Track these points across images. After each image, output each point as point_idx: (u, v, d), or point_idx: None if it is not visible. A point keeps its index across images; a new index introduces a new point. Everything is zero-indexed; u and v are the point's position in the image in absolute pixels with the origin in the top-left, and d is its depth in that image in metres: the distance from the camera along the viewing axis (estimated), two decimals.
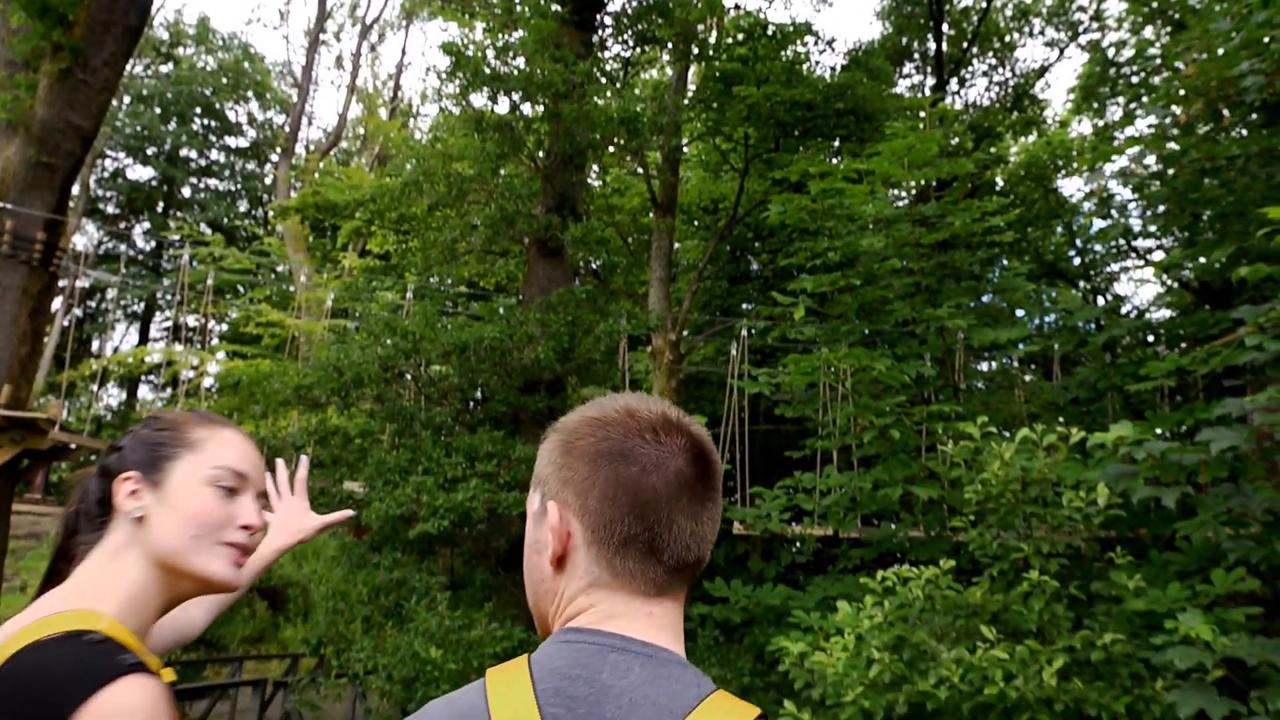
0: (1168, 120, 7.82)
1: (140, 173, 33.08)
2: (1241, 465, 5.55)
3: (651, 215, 15.09)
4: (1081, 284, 16.42)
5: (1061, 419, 8.84)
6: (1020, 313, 11.89)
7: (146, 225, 33.70)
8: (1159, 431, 6.62)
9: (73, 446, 12.99)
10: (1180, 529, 5.33)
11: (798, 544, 8.82)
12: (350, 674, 7.58)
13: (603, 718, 0.88)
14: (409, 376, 9.61)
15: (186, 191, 34.51)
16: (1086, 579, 5.54)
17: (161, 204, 33.78)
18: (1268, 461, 5.68)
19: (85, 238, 30.60)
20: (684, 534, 0.98)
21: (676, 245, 17.40)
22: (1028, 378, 13.82)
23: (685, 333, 15.12)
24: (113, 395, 31.62)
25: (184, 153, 33.42)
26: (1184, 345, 8.89)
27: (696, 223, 18.58)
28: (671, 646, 0.97)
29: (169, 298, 29.65)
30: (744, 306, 18.78)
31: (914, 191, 13.47)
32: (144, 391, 31.43)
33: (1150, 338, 10.94)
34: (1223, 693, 4.14)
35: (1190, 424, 5.88)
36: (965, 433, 5.68)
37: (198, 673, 13.77)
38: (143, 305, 32.93)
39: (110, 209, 32.80)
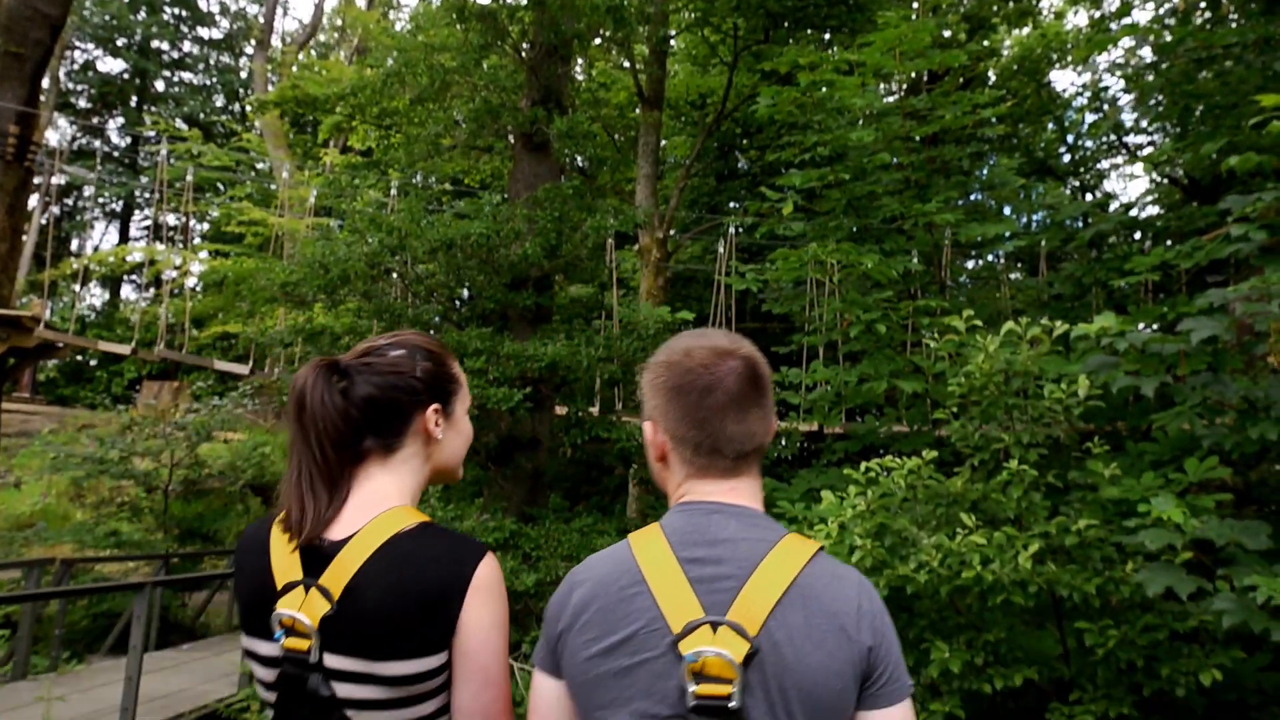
0: (1165, 9, 7.66)
1: (111, 65, 32.09)
2: (1221, 357, 5.64)
3: (638, 110, 14.80)
4: (1071, 181, 16.31)
5: (1046, 315, 8.91)
6: (1008, 210, 11.83)
7: (120, 120, 32.83)
8: (1141, 325, 6.70)
9: (59, 345, 12.95)
10: (1157, 420, 5.45)
11: (783, 438, 8.98)
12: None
13: (717, 555, 1.29)
14: (395, 274, 9.55)
15: (160, 85, 33.51)
16: (1064, 469, 5.69)
17: (135, 98, 32.83)
18: (1246, 354, 5.78)
19: (58, 133, 29.84)
20: (737, 434, 1.38)
21: (664, 142, 17.13)
22: (1014, 275, 13.85)
23: (672, 231, 15.02)
24: (95, 295, 31.35)
25: (155, 44, 32.34)
26: (1170, 241, 8.92)
27: (684, 118, 18.25)
28: (753, 505, 1.40)
29: (148, 195, 29.12)
30: (731, 205, 18.63)
31: (905, 85, 13.23)
32: (127, 291, 31.17)
33: (1137, 234, 10.94)
34: (1190, 573, 4.30)
35: (1172, 318, 5.95)
36: (950, 327, 5.73)
37: (195, 565, 14.07)
38: (121, 203, 32.36)
39: (82, 103, 31.88)
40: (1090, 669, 5.30)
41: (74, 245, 30.93)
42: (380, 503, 1.46)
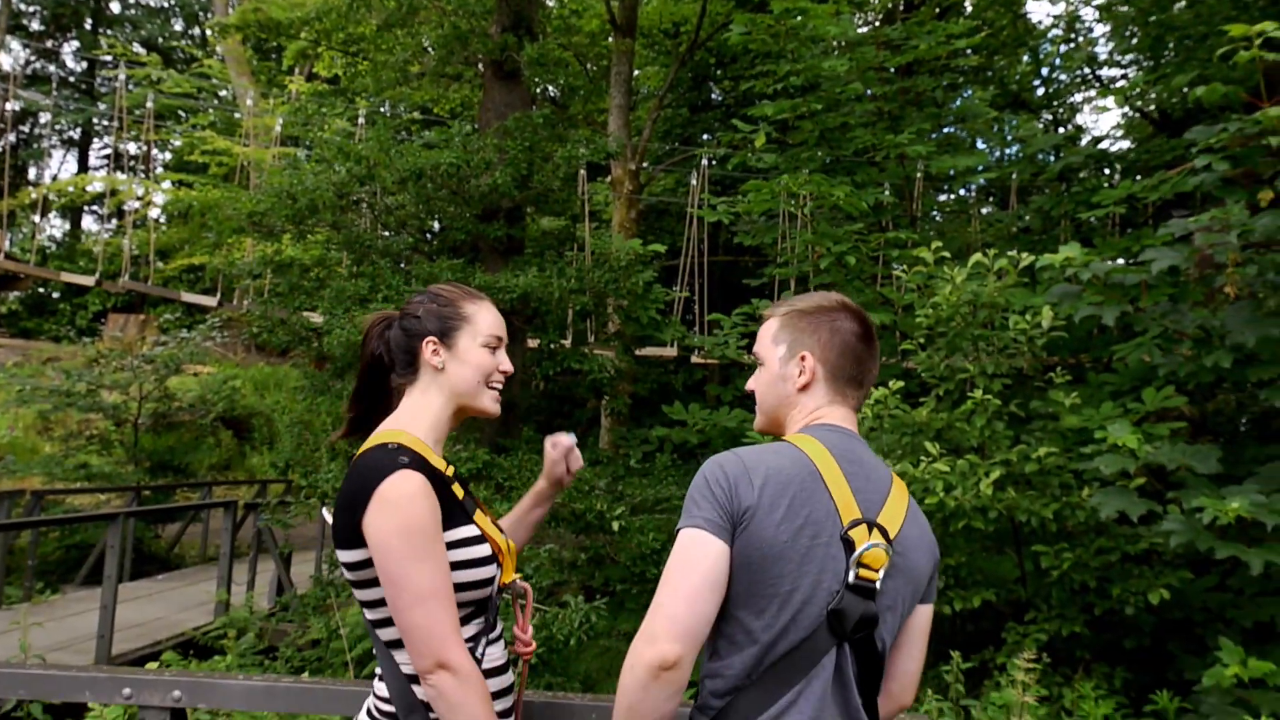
0: None
1: None
2: (1183, 289, 5.75)
3: (610, 38, 14.54)
4: (1044, 115, 16.29)
5: (1015, 248, 8.98)
6: (981, 144, 11.81)
7: (76, 44, 31.75)
8: (1106, 258, 6.77)
9: (20, 276, 12.73)
10: (1118, 351, 5.56)
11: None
12: (319, 494, 7.78)
13: (865, 474, 1.60)
14: (364, 204, 9.42)
15: (116, 6, 32.36)
16: (1027, 398, 5.81)
17: (90, 20, 31.69)
18: (1207, 287, 5.89)
19: (11, 56, 28.81)
20: (871, 374, 1.73)
21: (636, 72, 16.87)
22: (985, 210, 13.89)
23: (645, 163, 14.89)
24: (56, 226, 30.65)
25: None
26: (1139, 176, 8.97)
27: (657, 47, 17.95)
28: None
29: (106, 123, 28.34)
30: (705, 136, 18.47)
31: (880, 14, 13.07)
32: (88, 222, 30.50)
33: (1107, 169, 10.98)
34: (1143, 498, 4.45)
35: (1137, 250, 6.03)
36: (919, 258, 5.78)
37: (167, 497, 14.07)
38: (79, 130, 31.43)
39: (35, 25, 30.75)
40: (1045, 590, 5.49)
41: (31, 174, 30.10)
42: (387, 424, 1.77)
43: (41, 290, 25.96)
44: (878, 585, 1.53)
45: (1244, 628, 4.78)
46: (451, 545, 1.66)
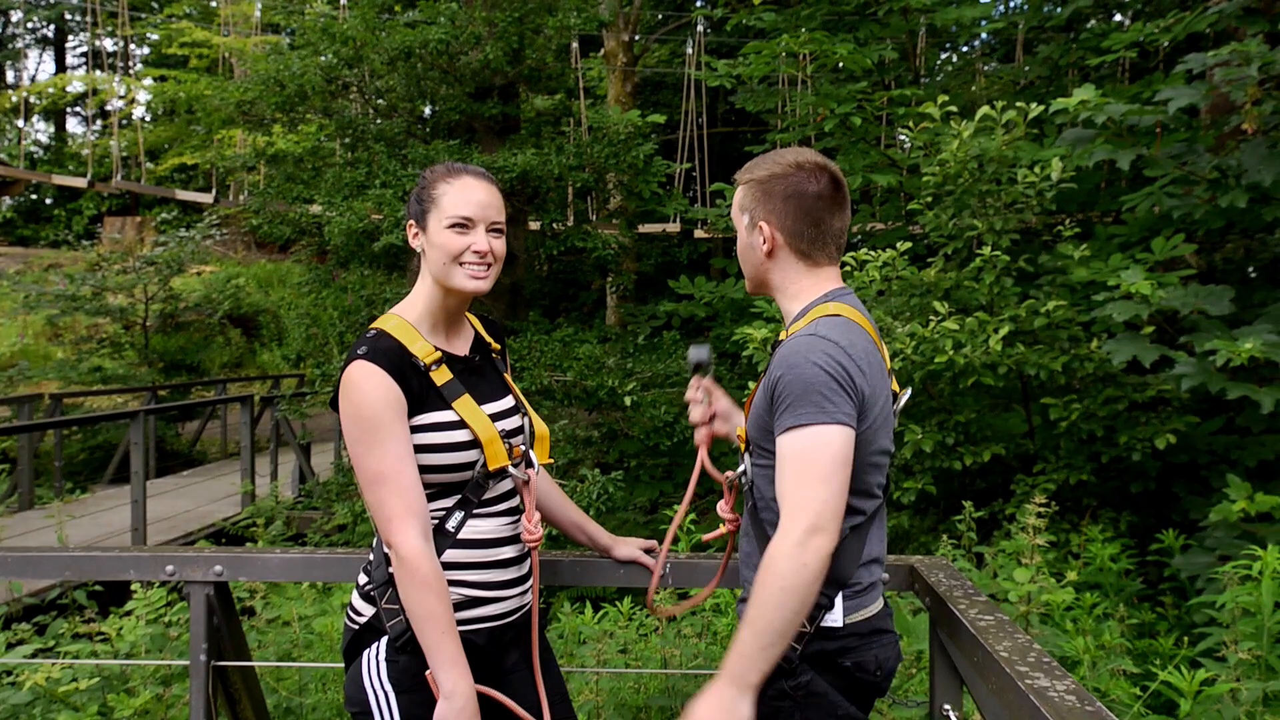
0: None
1: None
2: (1194, 135, 5.63)
3: None
4: None
5: (1020, 103, 8.73)
6: None
7: None
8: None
9: (12, 181, 12.53)
10: (1127, 201, 5.49)
11: None
12: (334, 384, 7.87)
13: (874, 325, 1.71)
14: (355, 89, 9.19)
15: None
16: (1035, 254, 5.77)
17: None
18: (1219, 130, 5.77)
19: None
20: (838, 227, 1.74)
21: None
22: (990, 66, 13.48)
23: (638, 34, 14.42)
24: (40, 130, 30.02)
25: None
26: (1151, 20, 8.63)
27: None
28: None
29: (79, 18, 27.40)
30: (697, 3, 17.85)
31: None
32: (73, 124, 29.85)
33: (1117, 15, 10.56)
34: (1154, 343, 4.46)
35: (1148, 96, 5.87)
36: (925, 115, 5.65)
37: (184, 396, 14.26)
38: (53, 28, 30.45)
39: None
40: (1053, 442, 5.59)
41: (9, 77, 29.32)
42: (395, 308, 1.86)
43: (34, 197, 25.65)
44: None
45: (1248, 467, 4.88)
46: (421, 429, 1.73)
